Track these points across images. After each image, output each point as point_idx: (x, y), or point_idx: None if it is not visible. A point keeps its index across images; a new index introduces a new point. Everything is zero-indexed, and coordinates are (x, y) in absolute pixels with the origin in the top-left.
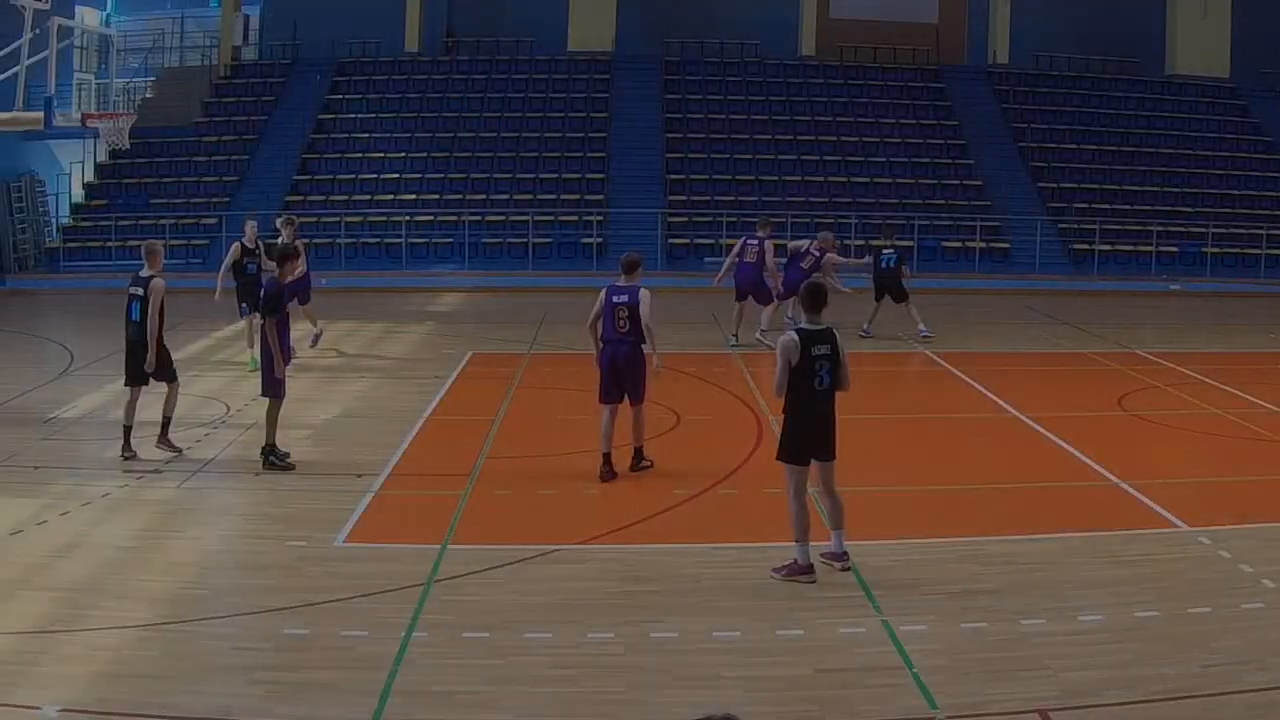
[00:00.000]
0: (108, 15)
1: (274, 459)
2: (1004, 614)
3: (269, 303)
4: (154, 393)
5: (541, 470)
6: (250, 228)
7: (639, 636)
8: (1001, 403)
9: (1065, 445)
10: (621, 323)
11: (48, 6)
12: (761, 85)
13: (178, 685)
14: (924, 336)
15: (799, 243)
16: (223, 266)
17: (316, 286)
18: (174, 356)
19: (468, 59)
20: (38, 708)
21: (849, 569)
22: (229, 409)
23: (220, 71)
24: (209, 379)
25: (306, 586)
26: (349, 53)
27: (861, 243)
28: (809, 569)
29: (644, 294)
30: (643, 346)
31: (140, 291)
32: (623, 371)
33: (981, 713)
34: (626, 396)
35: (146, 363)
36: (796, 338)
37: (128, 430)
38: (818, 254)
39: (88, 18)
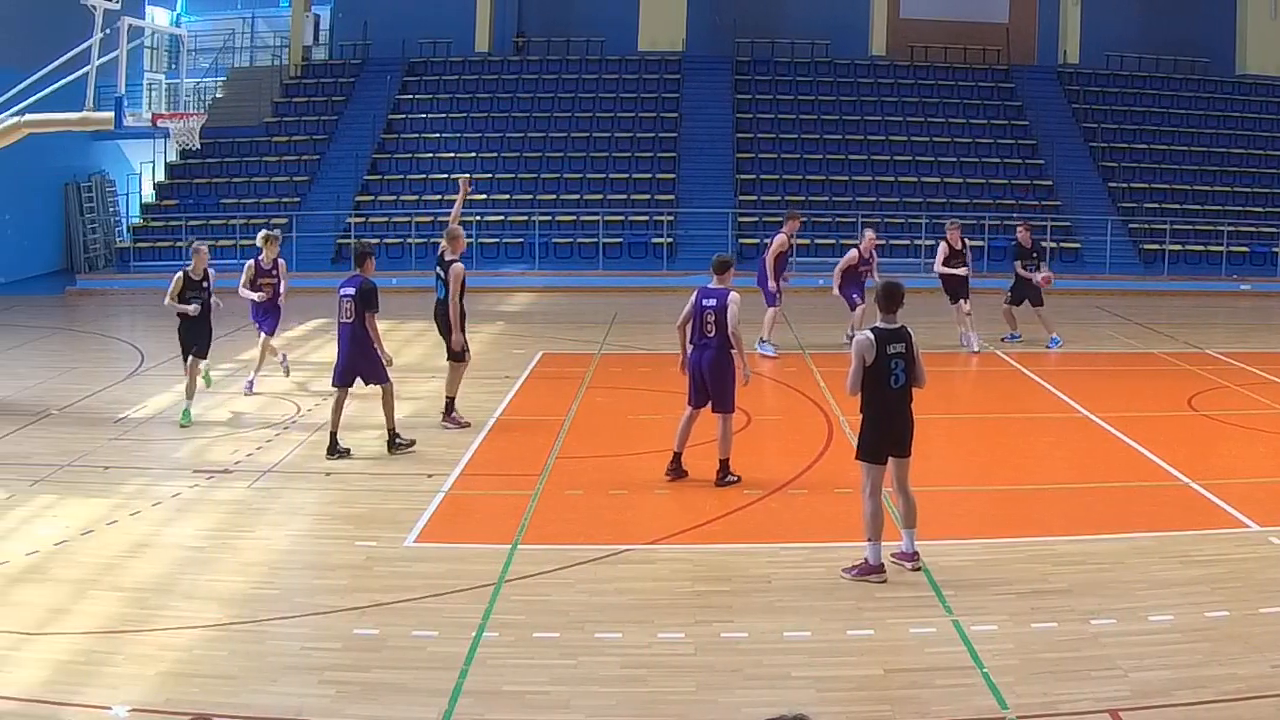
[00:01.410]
0: (178, 15)
1: (400, 442)
2: (1074, 614)
3: (370, 300)
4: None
5: (612, 470)
6: (199, 255)
7: (709, 637)
8: (1072, 403)
9: (1135, 445)
10: (708, 327)
11: (118, 6)
12: (832, 85)
13: (247, 685)
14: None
15: (850, 254)
16: (167, 298)
17: (386, 286)
18: (245, 357)
19: (538, 59)
20: (108, 708)
21: (920, 569)
22: (299, 409)
23: (290, 71)
24: (279, 379)
25: (377, 586)
26: (419, 53)
27: (906, 243)
28: (880, 569)
29: (732, 298)
30: (731, 352)
31: (349, 293)
32: (706, 377)
33: (1052, 713)
34: (710, 402)
35: (454, 342)
36: (872, 336)
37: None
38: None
39: (158, 17)
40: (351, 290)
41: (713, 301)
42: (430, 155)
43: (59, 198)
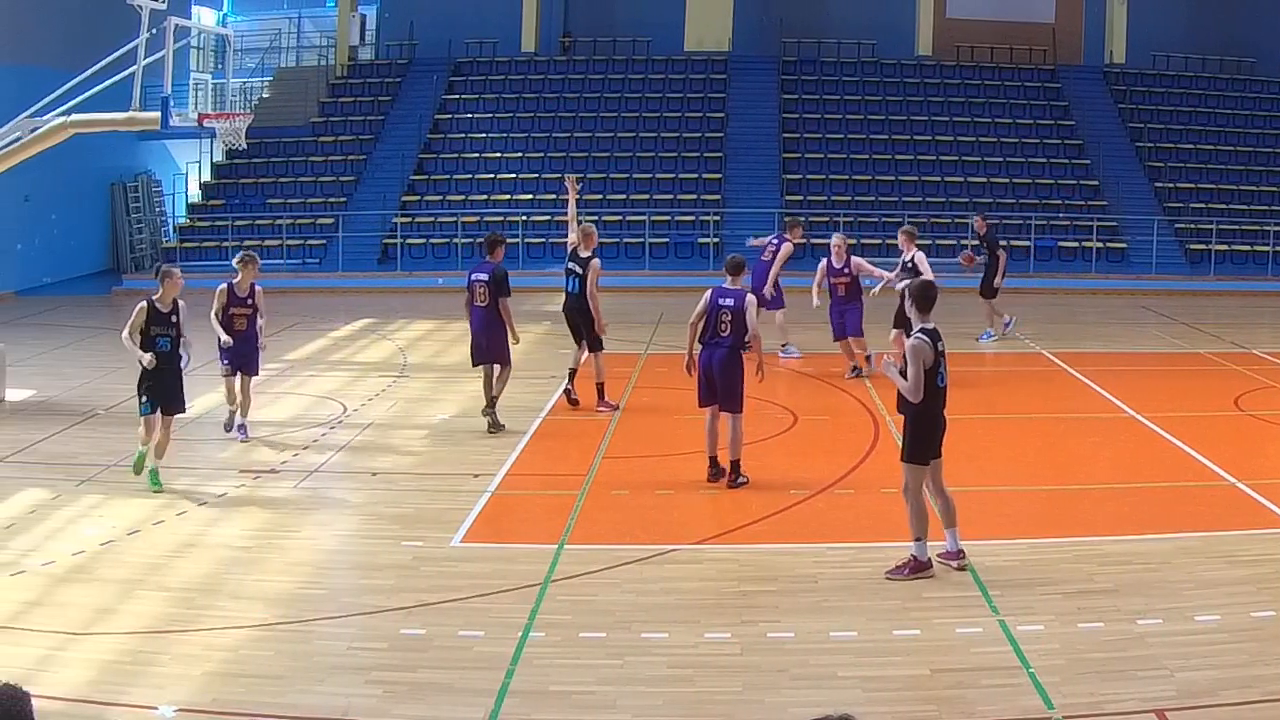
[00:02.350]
0: (224, 15)
1: (498, 422)
2: (1120, 614)
3: (503, 285)
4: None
5: (658, 470)
6: (171, 282)
7: (756, 637)
8: (1118, 402)
9: (1181, 445)
10: (724, 326)
11: (164, 6)
12: (878, 85)
13: (294, 685)
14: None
15: (820, 265)
16: (125, 332)
17: (430, 286)
18: (288, 357)
19: (584, 59)
20: (154, 708)
21: (965, 567)
22: (345, 409)
23: (337, 71)
24: (325, 379)
25: (423, 586)
26: (465, 53)
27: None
28: (929, 565)
29: (749, 300)
30: (741, 352)
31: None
32: (717, 376)
33: (1098, 713)
34: (719, 402)
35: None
36: (928, 340)
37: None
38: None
39: (205, 17)
40: (485, 276)
41: (730, 302)
42: (476, 156)
43: (105, 198)
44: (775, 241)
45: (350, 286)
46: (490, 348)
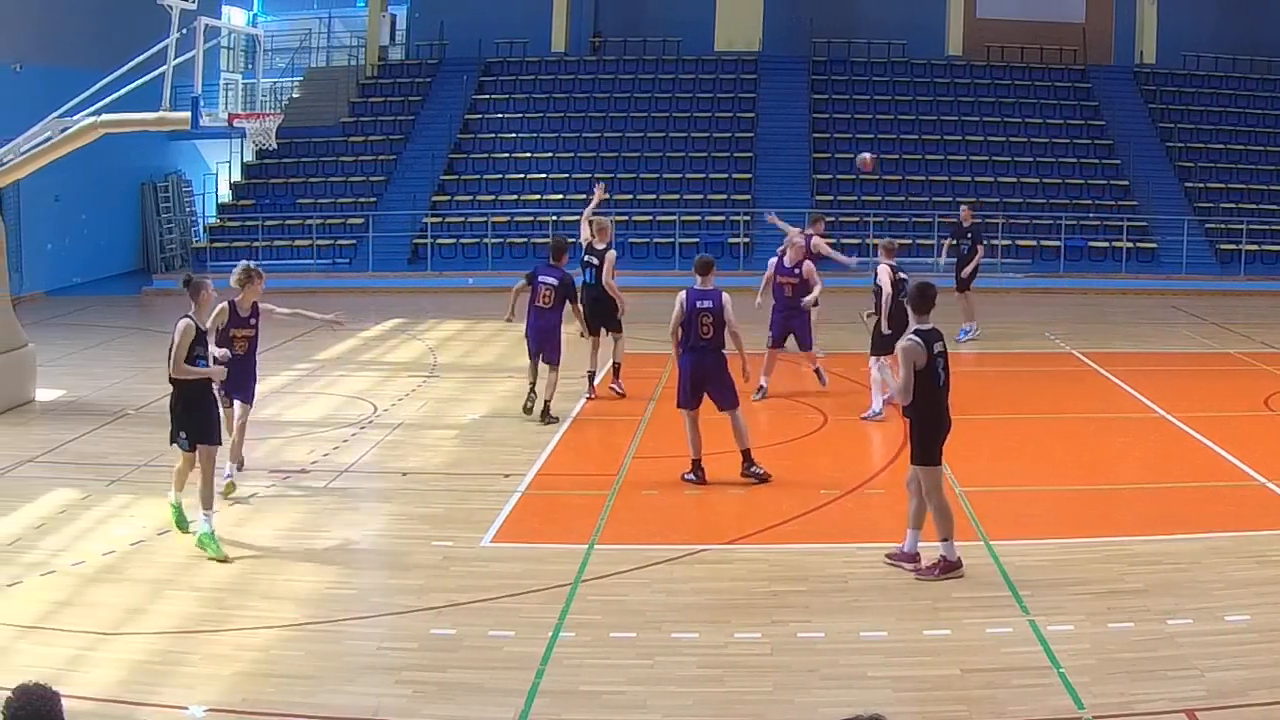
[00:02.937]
0: (255, 15)
1: (552, 417)
2: (1151, 614)
3: (571, 291)
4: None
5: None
6: (205, 293)
7: (786, 636)
8: (1148, 402)
9: (1211, 445)
10: (705, 329)
11: (194, 6)
12: (908, 85)
13: (324, 685)
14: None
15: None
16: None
17: (461, 286)
18: (319, 357)
19: (614, 59)
20: (184, 708)
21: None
22: (375, 409)
23: (367, 71)
24: (356, 379)
25: (453, 586)
26: (496, 52)
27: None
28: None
29: (726, 298)
30: (723, 351)
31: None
32: (707, 379)
33: (1128, 713)
34: (714, 403)
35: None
36: (920, 341)
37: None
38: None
39: (235, 17)
40: (554, 280)
41: (708, 303)
42: (507, 155)
43: (135, 198)
44: (802, 240)
45: (380, 286)
46: (545, 349)
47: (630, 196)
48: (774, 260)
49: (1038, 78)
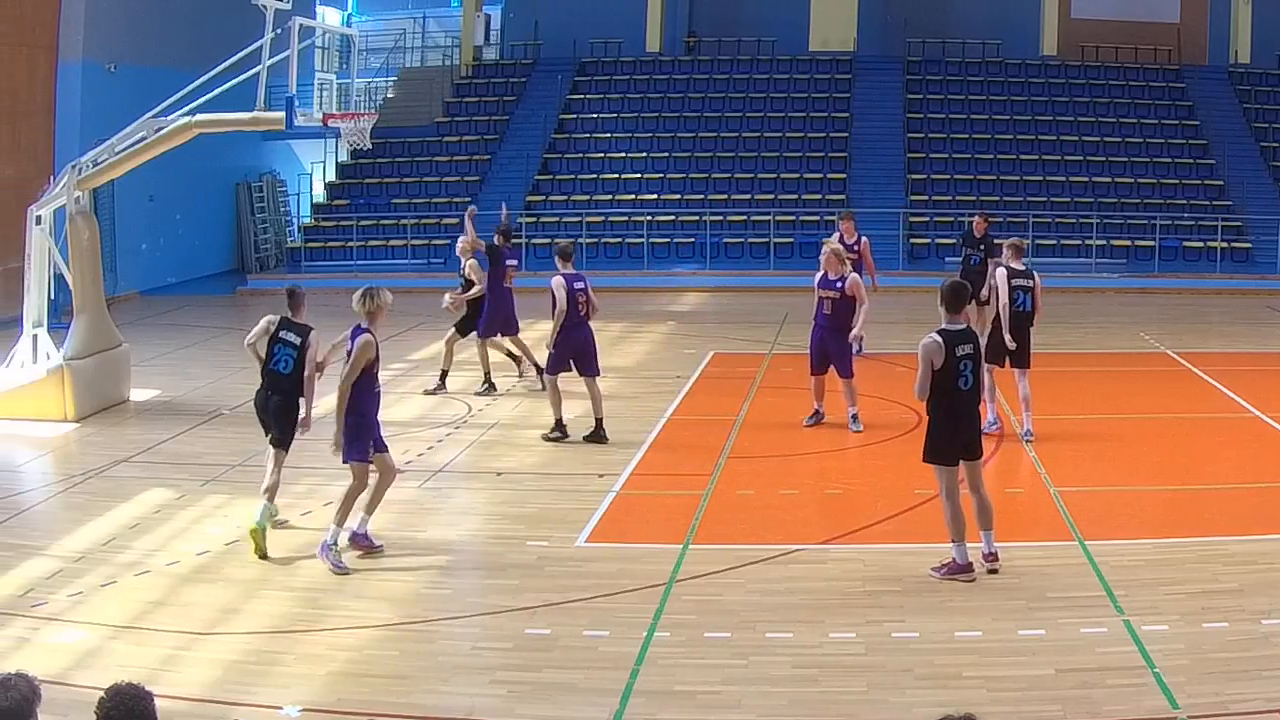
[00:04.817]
0: (349, 15)
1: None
2: (1246, 614)
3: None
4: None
5: (783, 470)
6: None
7: (881, 636)
8: (1242, 402)
9: None
10: (581, 307)
11: (289, 6)
12: (1003, 85)
13: (419, 686)
14: None
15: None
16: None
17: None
18: (413, 357)
19: (709, 59)
20: (279, 707)
21: (997, 570)
22: (469, 409)
23: (461, 71)
24: (450, 379)
25: (548, 586)
26: (590, 52)
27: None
28: (968, 567)
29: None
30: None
31: None
32: (591, 347)
33: (1223, 713)
34: (579, 371)
35: None
36: (940, 339)
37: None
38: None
39: (329, 17)
40: (583, 285)
41: (583, 284)
42: (601, 156)
43: (230, 198)
44: (853, 245)
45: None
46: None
47: (725, 196)
48: (818, 275)
49: (1132, 77)
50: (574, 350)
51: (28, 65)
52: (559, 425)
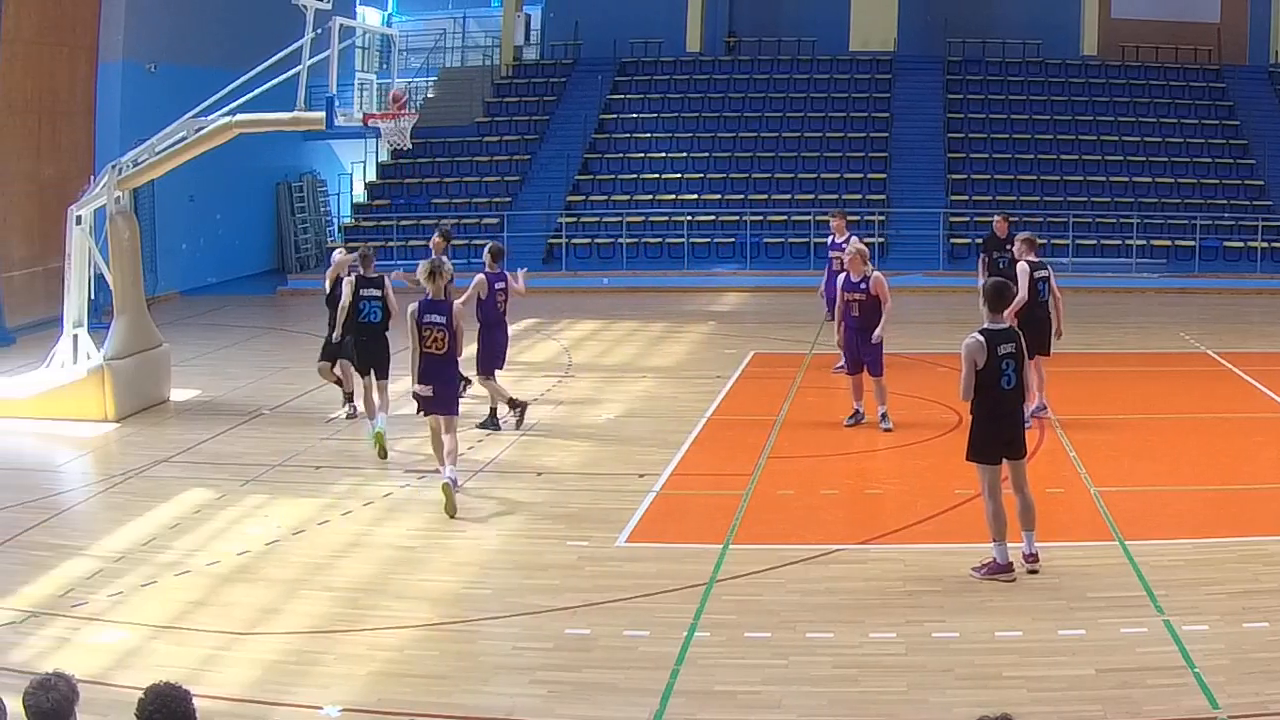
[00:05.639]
0: (389, 15)
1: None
2: None
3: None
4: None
5: (823, 470)
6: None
7: (921, 636)
8: None
9: None
10: (500, 305)
11: (329, 6)
12: (1043, 85)
13: (459, 685)
14: None
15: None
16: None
17: (596, 286)
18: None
19: (749, 59)
20: (319, 708)
21: (1037, 571)
22: (510, 410)
23: (502, 71)
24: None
25: (588, 586)
26: (630, 52)
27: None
28: (1008, 567)
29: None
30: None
31: None
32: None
33: (1263, 713)
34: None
35: None
36: (981, 339)
37: None
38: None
39: (369, 18)
40: (503, 285)
41: (503, 284)
42: (641, 156)
43: (270, 198)
44: (841, 244)
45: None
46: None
47: (765, 197)
48: (841, 276)
49: (1172, 77)
50: (495, 349)
51: (68, 65)
52: (493, 415)
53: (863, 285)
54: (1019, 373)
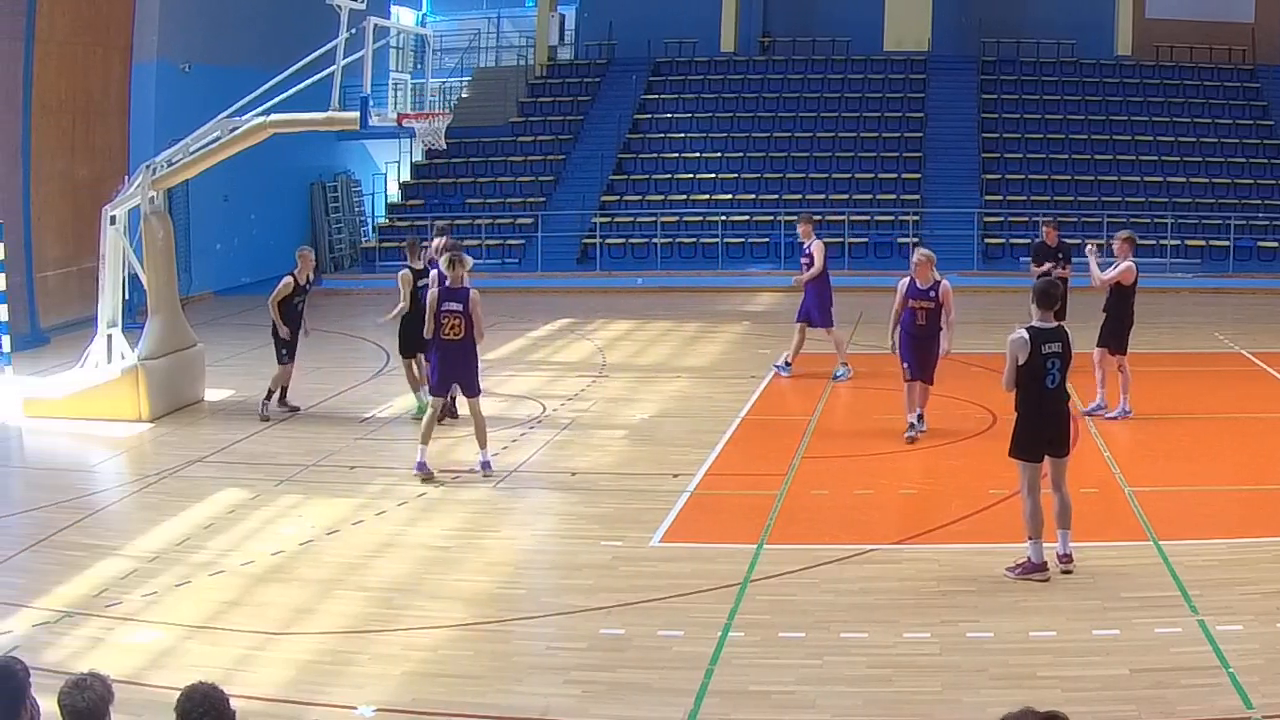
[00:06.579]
0: (423, 15)
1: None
2: None
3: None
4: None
5: (857, 470)
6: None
7: (955, 636)
8: None
9: None
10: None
11: (364, 6)
12: (1077, 85)
13: (493, 685)
14: None
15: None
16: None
17: (630, 285)
18: (487, 357)
19: (783, 59)
20: (354, 707)
21: (1071, 571)
22: (544, 409)
23: (536, 71)
24: (524, 379)
25: (622, 586)
26: (665, 52)
27: (1151, 243)
28: (1043, 567)
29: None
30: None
31: None
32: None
33: None
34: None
35: None
36: (1026, 335)
37: None
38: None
39: (404, 18)
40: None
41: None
42: (675, 156)
43: (304, 198)
44: (806, 248)
45: (549, 286)
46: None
47: (799, 196)
48: (904, 281)
49: (1207, 77)
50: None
51: (102, 65)
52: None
53: (931, 293)
54: (1064, 373)
